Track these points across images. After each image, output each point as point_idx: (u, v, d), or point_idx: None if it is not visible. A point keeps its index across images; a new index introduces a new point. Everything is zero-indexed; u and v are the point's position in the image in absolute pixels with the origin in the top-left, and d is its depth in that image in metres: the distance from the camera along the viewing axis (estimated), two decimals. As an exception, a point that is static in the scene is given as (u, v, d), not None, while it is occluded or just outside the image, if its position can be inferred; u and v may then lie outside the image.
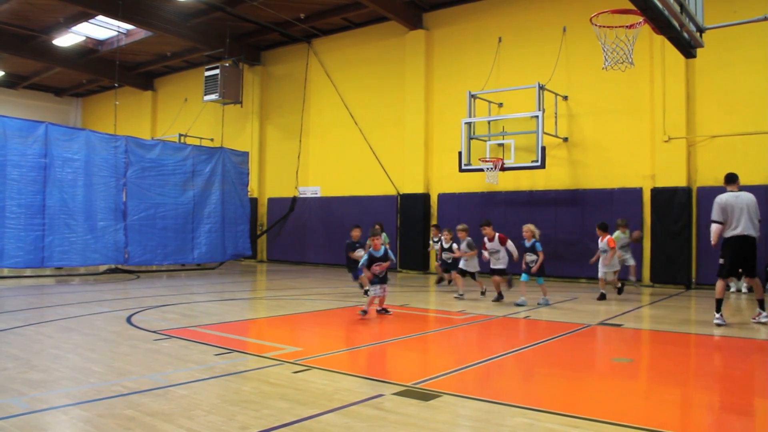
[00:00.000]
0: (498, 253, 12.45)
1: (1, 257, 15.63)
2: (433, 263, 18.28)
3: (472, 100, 17.42)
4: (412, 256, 19.95)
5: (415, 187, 20.05)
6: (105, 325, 9.06)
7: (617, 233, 13.88)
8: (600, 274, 13.10)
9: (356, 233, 13.74)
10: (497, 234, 12.51)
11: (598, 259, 13.22)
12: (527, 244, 12.06)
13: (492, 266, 12.55)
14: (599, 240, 13.13)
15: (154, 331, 8.47)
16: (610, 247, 12.88)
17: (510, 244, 12.52)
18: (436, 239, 15.98)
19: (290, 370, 6.40)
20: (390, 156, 20.91)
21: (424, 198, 19.85)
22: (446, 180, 19.45)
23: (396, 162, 20.70)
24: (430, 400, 5.27)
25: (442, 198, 19.55)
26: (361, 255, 11.77)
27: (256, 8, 20.53)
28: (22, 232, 15.95)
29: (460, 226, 14.06)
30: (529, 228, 12.06)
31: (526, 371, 6.71)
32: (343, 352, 7.38)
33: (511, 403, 5.22)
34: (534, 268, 11.83)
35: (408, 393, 5.49)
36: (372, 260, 10.37)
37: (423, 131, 19.97)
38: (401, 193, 20.45)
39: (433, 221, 19.72)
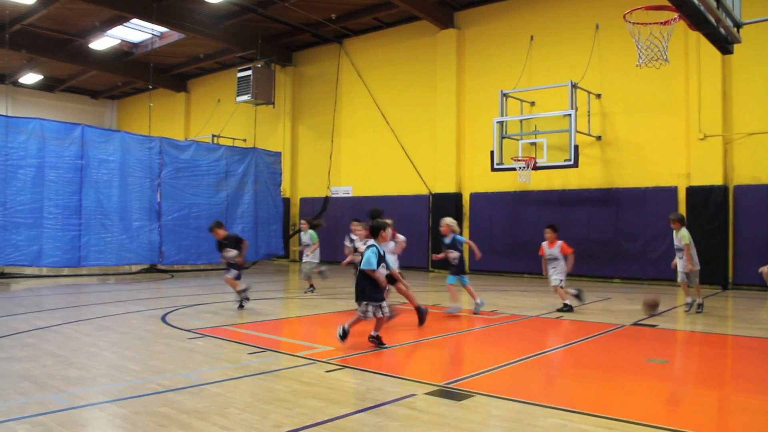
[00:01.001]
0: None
1: (39, 257, 15.94)
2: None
3: (504, 98, 17.32)
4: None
5: (447, 187, 20.00)
6: (140, 324, 9.19)
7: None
8: (680, 278, 11.00)
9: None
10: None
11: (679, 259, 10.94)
12: (447, 240, 11.05)
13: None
14: (674, 234, 11.00)
15: (188, 330, 8.56)
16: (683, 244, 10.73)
17: (399, 237, 11.33)
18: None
19: (323, 369, 6.43)
20: (422, 155, 20.89)
21: (456, 197, 19.79)
22: (478, 179, 19.37)
23: (428, 161, 20.67)
24: (463, 400, 5.26)
25: (474, 197, 19.48)
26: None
27: (287, 9, 20.65)
28: (60, 232, 16.24)
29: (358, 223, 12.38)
30: (445, 222, 11.11)
31: (559, 371, 6.66)
32: (375, 352, 7.39)
33: (543, 404, 5.19)
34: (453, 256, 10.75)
35: (440, 393, 5.49)
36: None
37: (455, 130, 19.91)
38: (433, 192, 20.41)
39: (466, 221, 19.65)
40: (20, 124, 16.02)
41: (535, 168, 16.47)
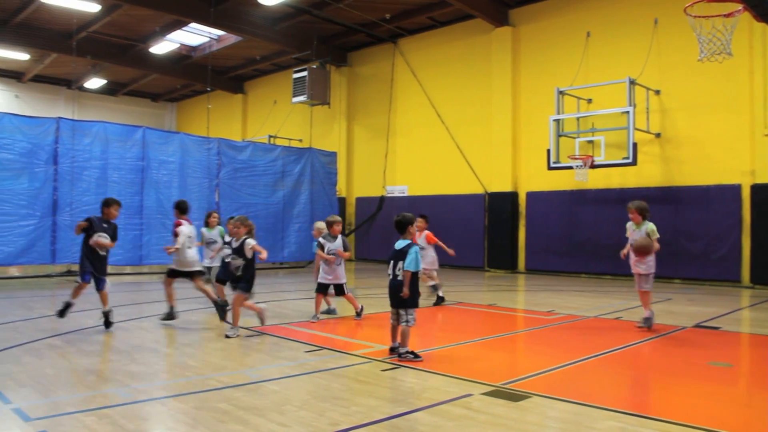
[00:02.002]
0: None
1: (103, 256, 16.37)
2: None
3: (560, 96, 17.10)
4: (500, 255, 19.76)
5: (502, 186, 19.84)
6: (199, 322, 9.38)
7: None
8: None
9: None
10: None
11: None
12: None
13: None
14: (634, 228, 9.78)
15: (246, 328, 8.70)
16: None
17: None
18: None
19: (379, 368, 6.47)
20: (477, 154, 20.77)
21: (512, 196, 19.62)
22: (534, 178, 19.16)
23: (483, 160, 20.54)
24: (519, 401, 5.23)
25: (531, 196, 19.28)
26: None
27: (342, 10, 20.79)
28: (122, 231, 16.49)
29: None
30: (316, 227, 10.70)
31: (618, 373, 6.55)
32: (431, 351, 7.39)
33: (601, 406, 5.12)
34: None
35: (497, 393, 5.47)
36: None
37: (510, 129, 19.74)
38: (489, 191, 20.28)
39: (522, 220, 19.46)
40: (85, 127, 16.49)
41: (593, 166, 16.22)
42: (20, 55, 26.10)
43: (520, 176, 19.74)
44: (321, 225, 10.90)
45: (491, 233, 20.15)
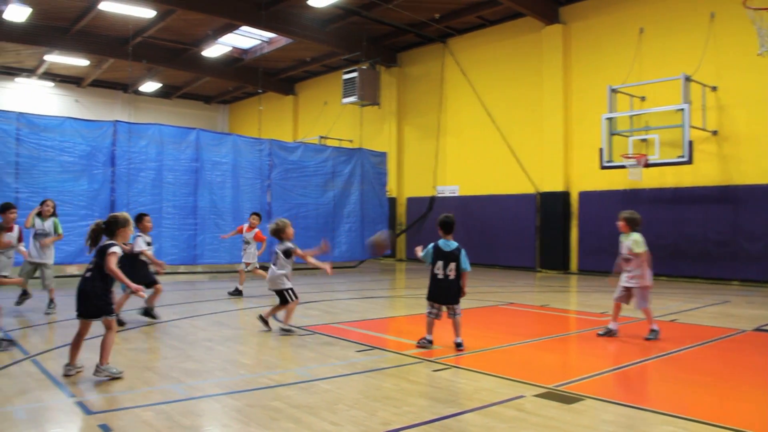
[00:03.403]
0: None
1: (159, 255, 16.62)
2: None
3: (613, 94, 16.82)
4: (552, 255, 19.54)
5: (554, 185, 19.61)
6: (252, 320, 9.50)
7: None
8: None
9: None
10: None
11: None
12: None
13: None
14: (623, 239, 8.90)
15: (298, 327, 8.79)
16: None
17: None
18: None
19: (430, 368, 6.47)
20: (528, 154, 20.56)
21: (564, 196, 19.38)
22: (587, 177, 18.88)
23: (534, 160, 20.32)
24: (572, 403, 5.17)
25: (583, 196, 19.00)
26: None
27: (391, 11, 20.82)
28: (177, 231, 16.99)
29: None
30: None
31: (674, 377, 6.41)
32: (483, 352, 7.36)
33: (657, 410, 5.04)
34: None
35: (549, 395, 5.42)
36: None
37: (562, 128, 19.49)
38: (540, 191, 20.07)
39: (574, 220, 19.21)
40: (141, 129, 16.88)
41: (647, 165, 15.92)
42: (80, 61, 26.90)
43: (572, 176, 19.47)
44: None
45: (543, 233, 19.94)
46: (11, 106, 23.61)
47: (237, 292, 12.44)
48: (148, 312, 9.12)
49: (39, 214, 10.43)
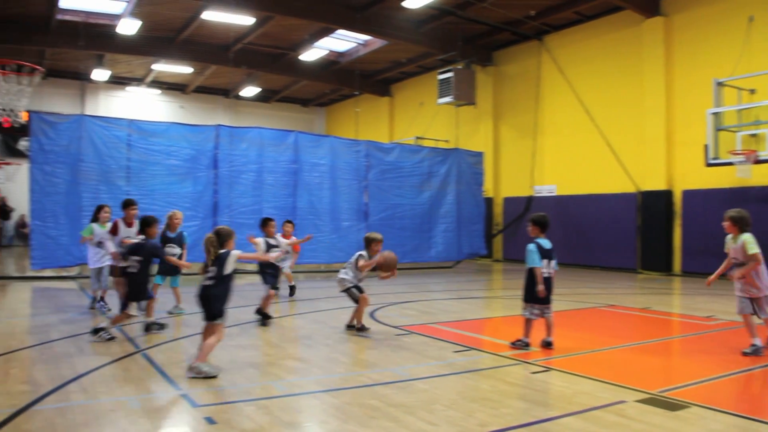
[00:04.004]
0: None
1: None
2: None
3: (719, 88, 16.07)
4: (654, 256, 18.87)
5: (656, 184, 18.92)
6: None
7: None
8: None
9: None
10: None
11: None
12: (172, 234, 10.10)
13: None
14: (731, 241, 7.81)
15: (395, 327, 8.85)
16: None
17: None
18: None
19: (528, 370, 6.38)
20: (628, 152, 19.92)
21: (667, 195, 18.66)
22: (691, 175, 18.12)
23: (635, 158, 19.66)
24: (677, 411, 4.99)
25: (687, 195, 18.24)
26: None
27: (486, 9, 20.63)
28: (276, 232, 17.39)
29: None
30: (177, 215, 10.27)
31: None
32: (583, 355, 7.20)
33: (770, 419, 4.78)
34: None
35: (652, 401, 5.25)
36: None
37: (664, 124, 18.77)
38: (641, 190, 19.41)
39: (677, 219, 18.47)
40: (242, 133, 17.42)
41: (757, 162, 15.11)
42: (184, 69, 28.01)
43: (675, 174, 18.73)
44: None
45: (644, 233, 19.27)
46: (123, 114, 24.92)
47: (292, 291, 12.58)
48: (260, 311, 9.27)
49: (97, 221, 10.29)
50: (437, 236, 20.45)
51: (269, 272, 9.67)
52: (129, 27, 21.91)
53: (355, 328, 8.46)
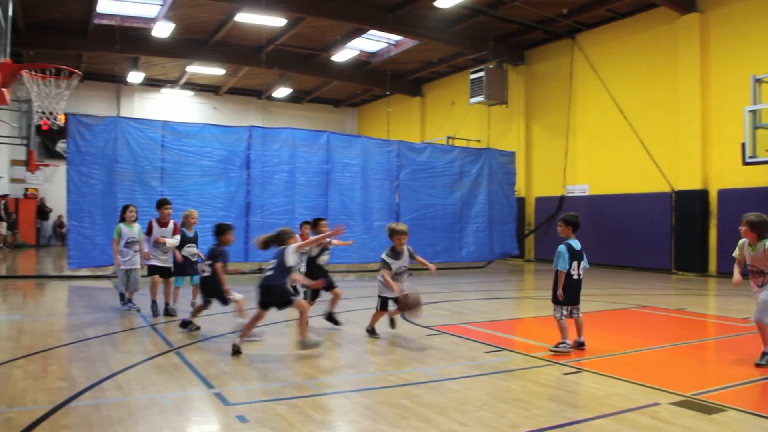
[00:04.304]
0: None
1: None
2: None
3: (757, 84, 15.76)
4: (689, 257, 18.59)
5: (691, 183, 18.63)
6: (381, 319, 9.64)
7: None
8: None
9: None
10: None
11: None
12: (190, 234, 10.04)
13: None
14: (748, 249, 7.25)
15: (426, 327, 8.85)
16: None
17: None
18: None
19: (559, 371, 6.35)
20: (663, 151, 19.65)
21: (702, 194, 18.38)
22: (727, 174, 17.82)
23: (669, 157, 19.39)
24: (713, 414, 4.92)
25: (723, 194, 17.94)
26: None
27: (517, 8, 20.51)
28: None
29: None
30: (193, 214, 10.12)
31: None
32: (615, 356, 7.13)
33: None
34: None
35: (687, 404, 5.18)
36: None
37: (699, 122, 18.48)
38: (676, 189, 19.14)
39: (713, 219, 18.17)
40: (274, 134, 17.55)
41: (796, 160, 14.83)
42: (217, 71, 28.30)
43: (710, 173, 18.43)
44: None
45: (678, 233, 19.00)
46: (157, 115, 25.26)
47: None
48: (330, 317, 9.19)
49: (124, 221, 10.24)
50: (469, 236, 20.40)
51: (323, 274, 9.48)
52: (163, 30, 22.24)
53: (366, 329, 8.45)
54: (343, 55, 25.96)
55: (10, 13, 10.03)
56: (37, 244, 28.94)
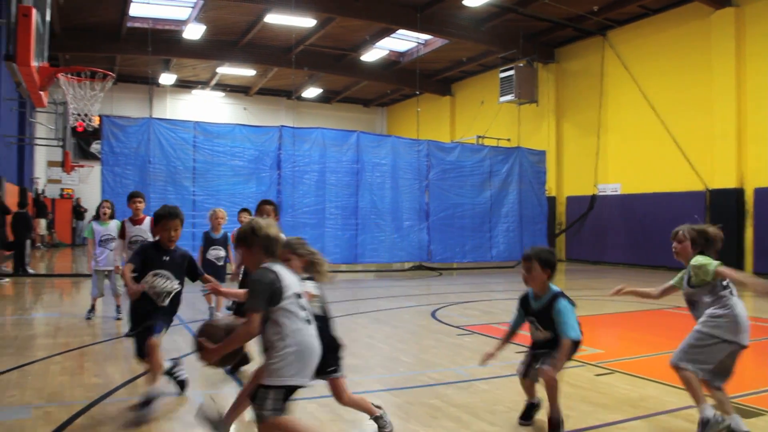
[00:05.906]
0: None
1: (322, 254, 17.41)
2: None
3: (795, 81, 15.50)
4: (723, 257, 18.03)
5: (725, 182, 18.35)
6: (411, 319, 9.66)
7: None
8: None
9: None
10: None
11: None
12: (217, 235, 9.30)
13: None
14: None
15: (456, 326, 8.84)
16: None
17: None
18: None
19: (592, 372, 6.30)
20: (696, 149, 19.36)
21: (737, 193, 18.08)
22: (764, 173, 17.51)
23: (703, 155, 19.11)
24: (750, 418, 4.84)
25: (759, 193, 17.64)
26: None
27: (547, 6, 20.36)
28: (339, 231, 17.60)
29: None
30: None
31: None
32: (648, 357, 7.06)
33: None
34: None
35: (722, 406, 5.09)
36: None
37: (734, 120, 18.18)
38: (710, 188, 18.86)
39: (749, 219, 17.87)
40: (305, 134, 17.65)
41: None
42: (248, 72, 28.56)
43: (746, 171, 18.13)
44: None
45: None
46: (188, 116, 25.53)
47: None
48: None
49: (98, 218, 9.56)
50: (498, 236, 20.32)
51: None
52: (194, 32, 22.51)
53: None
54: (372, 54, 26.01)
55: (48, 18, 10.19)
56: (73, 243, 29.47)
